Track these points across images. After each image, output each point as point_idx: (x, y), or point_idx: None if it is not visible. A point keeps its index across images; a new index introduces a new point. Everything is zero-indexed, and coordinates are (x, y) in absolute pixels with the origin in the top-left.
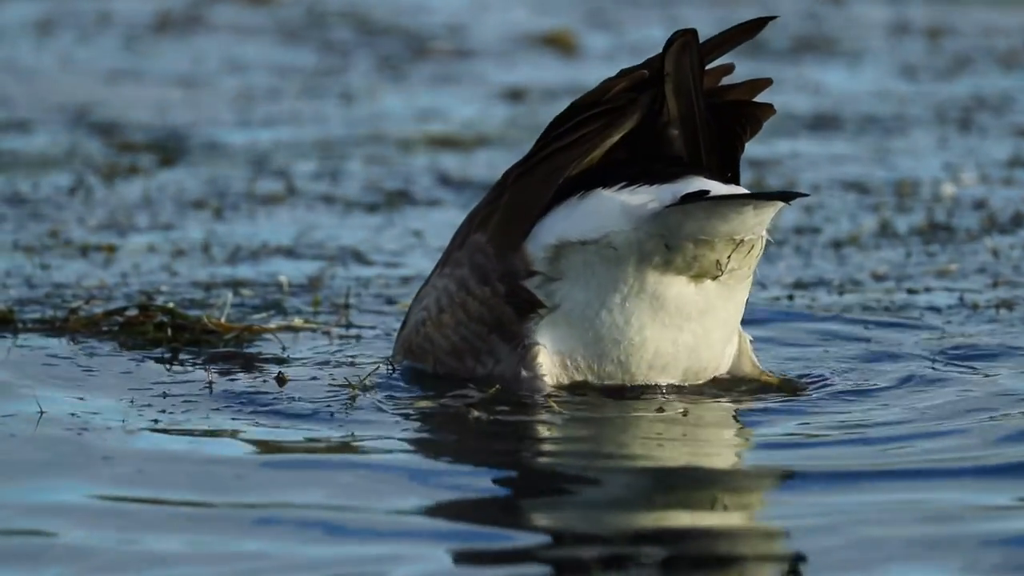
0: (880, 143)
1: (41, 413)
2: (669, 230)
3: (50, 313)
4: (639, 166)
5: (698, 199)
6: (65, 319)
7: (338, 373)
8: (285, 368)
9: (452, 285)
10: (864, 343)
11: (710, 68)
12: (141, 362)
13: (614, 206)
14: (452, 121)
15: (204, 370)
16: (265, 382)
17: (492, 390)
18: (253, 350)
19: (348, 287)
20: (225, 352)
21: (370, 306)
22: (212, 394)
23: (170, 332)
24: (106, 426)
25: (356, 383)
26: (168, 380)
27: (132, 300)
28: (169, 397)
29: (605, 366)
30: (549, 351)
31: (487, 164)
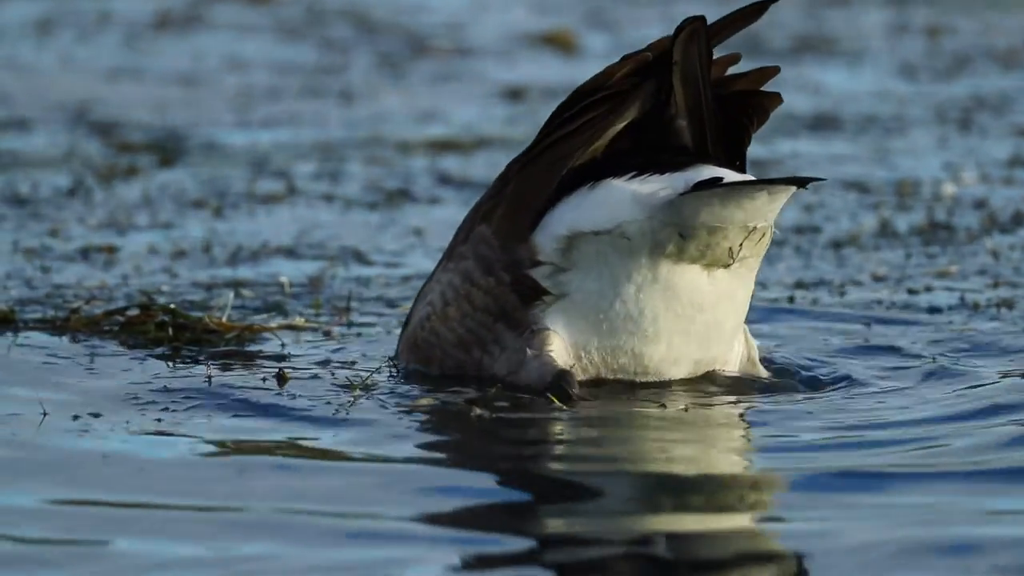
0: (880, 143)
1: (44, 415)
2: (683, 218)
3: (51, 313)
4: (647, 155)
5: (712, 186)
6: (66, 319)
7: (339, 372)
8: (286, 367)
9: (456, 278)
10: (865, 343)
11: (716, 58)
12: (142, 361)
13: (626, 196)
14: (452, 123)
15: (205, 370)
16: (265, 381)
17: (494, 389)
18: (254, 349)
19: (349, 290)
20: (226, 351)
21: (371, 306)
22: (213, 394)
23: (171, 331)
24: (106, 427)
25: (357, 382)
26: (169, 380)
27: (133, 300)
28: (170, 397)
29: (619, 358)
30: (558, 336)
31: (487, 165)
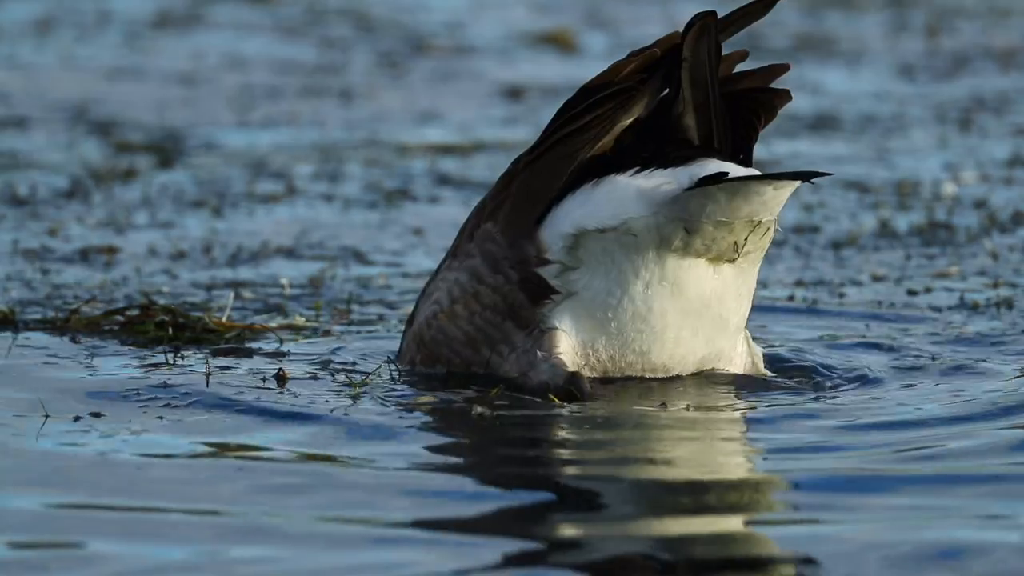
0: (880, 143)
1: (45, 416)
2: (689, 213)
3: (51, 314)
4: (651, 150)
5: (717, 181)
6: (66, 319)
7: (339, 372)
8: (285, 367)
9: (464, 276)
10: (865, 343)
11: (724, 55)
12: (142, 361)
13: (631, 192)
14: (451, 123)
15: (204, 369)
16: (265, 381)
17: (495, 390)
18: (254, 349)
19: (349, 292)
20: (226, 351)
21: (371, 305)
22: (212, 394)
23: (171, 331)
24: (106, 428)
25: (357, 381)
26: (169, 380)
27: (133, 301)
28: (169, 397)
29: (627, 356)
30: (566, 335)
31: (487, 167)
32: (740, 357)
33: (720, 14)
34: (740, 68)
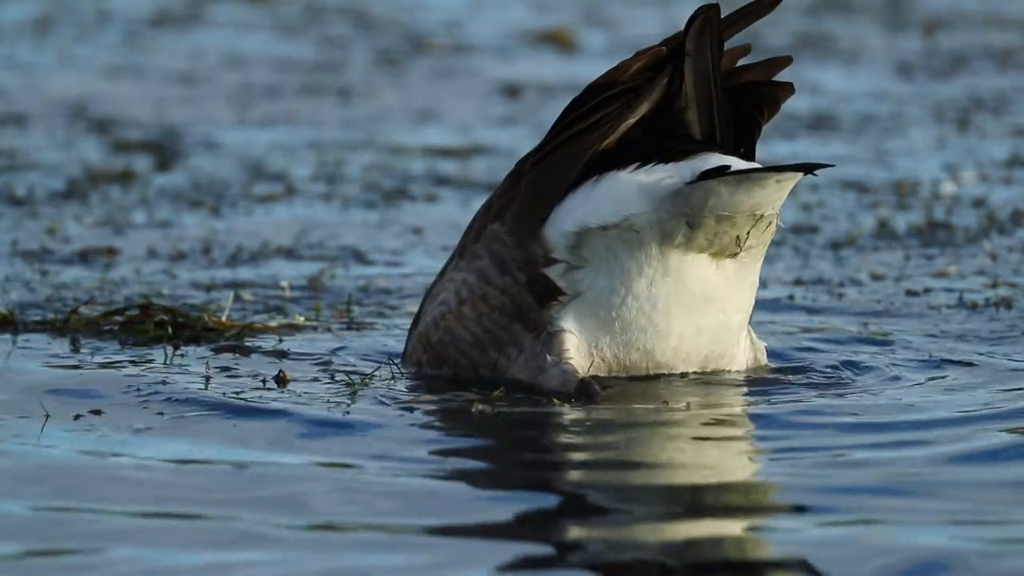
0: (878, 143)
1: (46, 416)
2: (692, 208)
3: (51, 316)
4: (652, 145)
5: (719, 175)
6: (66, 320)
7: (339, 373)
8: (285, 368)
9: (472, 277)
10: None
11: (727, 49)
12: (141, 361)
13: (632, 187)
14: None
15: (204, 370)
16: (265, 382)
17: (496, 391)
18: (254, 349)
19: (349, 293)
20: (226, 351)
21: (371, 305)
22: (213, 396)
23: (170, 330)
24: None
25: (357, 382)
26: (169, 380)
27: (132, 302)
28: (169, 399)
29: (631, 354)
30: (574, 337)
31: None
32: (743, 353)
33: (723, 12)
34: (741, 63)
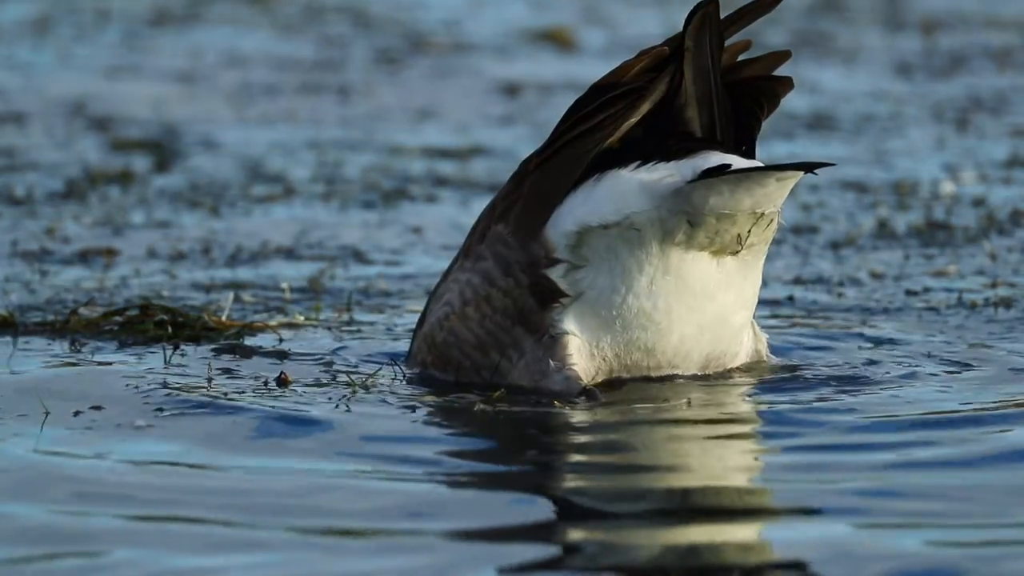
0: (877, 143)
1: (46, 413)
2: (692, 206)
3: (51, 317)
4: (652, 143)
5: (720, 173)
6: (66, 320)
7: (341, 373)
8: (286, 369)
9: (476, 278)
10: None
11: (727, 45)
12: (140, 361)
13: (633, 186)
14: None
15: (205, 371)
16: (267, 383)
17: (497, 392)
18: (254, 349)
19: (349, 293)
20: (226, 348)
21: (370, 304)
22: (213, 397)
23: (170, 330)
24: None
25: (359, 383)
26: (168, 381)
27: (132, 302)
28: (169, 401)
29: (632, 354)
30: (576, 340)
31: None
32: (746, 349)
33: (724, 12)
34: (740, 59)
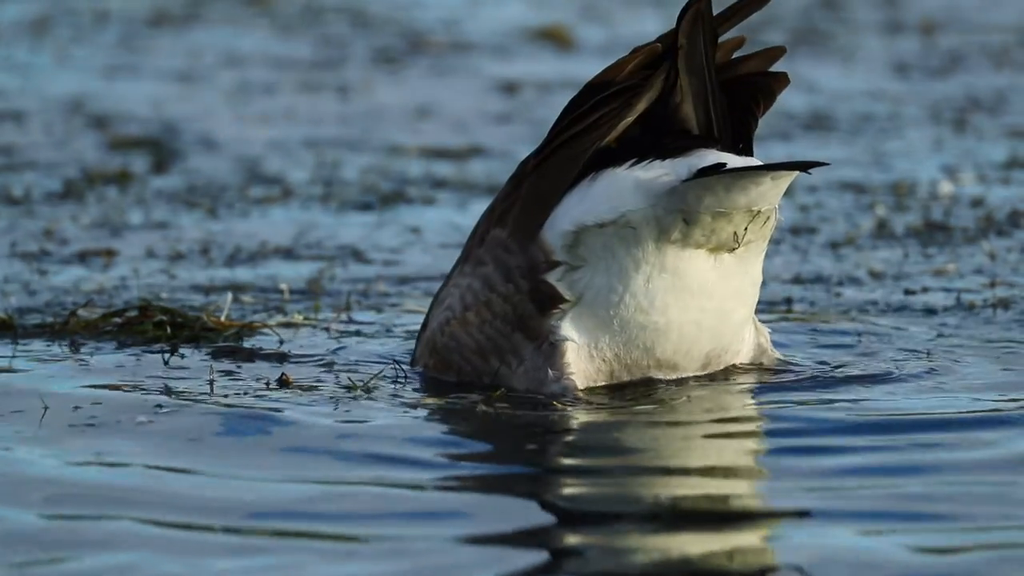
0: (875, 144)
1: (45, 408)
2: (688, 204)
3: (50, 319)
4: (649, 141)
5: (715, 172)
6: (65, 322)
7: (342, 374)
8: (287, 370)
9: (476, 283)
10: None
11: (721, 41)
12: (140, 362)
13: (628, 184)
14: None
15: (204, 371)
16: (268, 384)
17: (498, 392)
18: (254, 351)
19: (348, 293)
20: (226, 354)
21: (369, 304)
22: (213, 399)
23: (169, 330)
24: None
25: (361, 384)
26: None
27: (131, 304)
28: (168, 403)
29: (631, 353)
30: (575, 346)
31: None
32: (747, 346)
33: (719, 5)
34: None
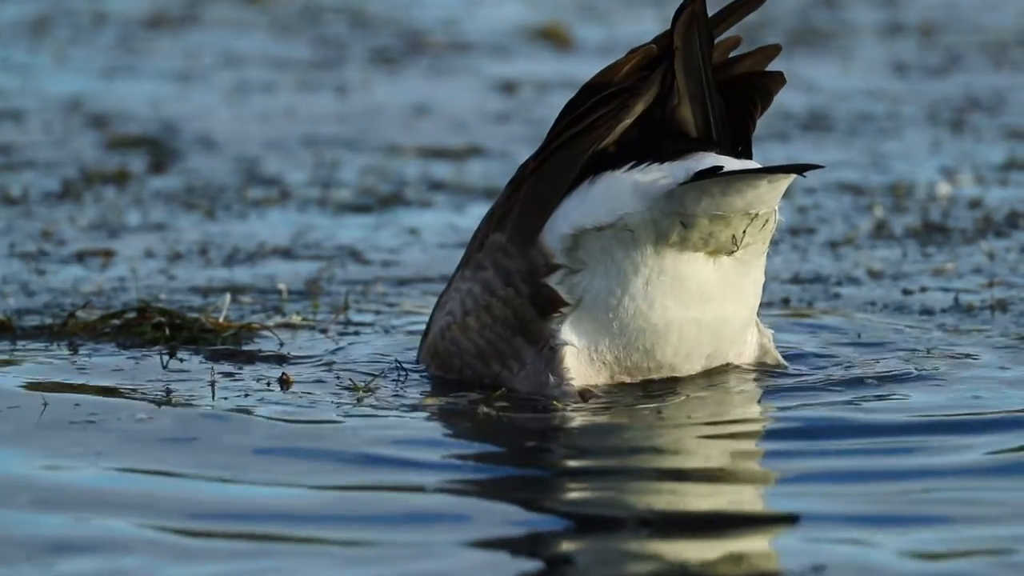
0: (873, 145)
1: (45, 405)
2: (685, 208)
3: (48, 321)
4: (647, 144)
5: (712, 175)
6: (63, 324)
7: (342, 374)
8: (287, 370)
9: (476, 287)
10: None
11: (717, 42)
12: (139, 364)
13: (626, 187)
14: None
15: (204, 372)
16: (269, 384)
17: (498, 392)
18: (253, 352)
19: (346, 293)
20: (224, 351)
21: (368, 305)
22: (212, 400)
23: (168, 332)
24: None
25: (362, 385)
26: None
27: (130, 305)
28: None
29: (631, 356)
30: (575, 350)
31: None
32: (749, 348)
33: (715, 6)
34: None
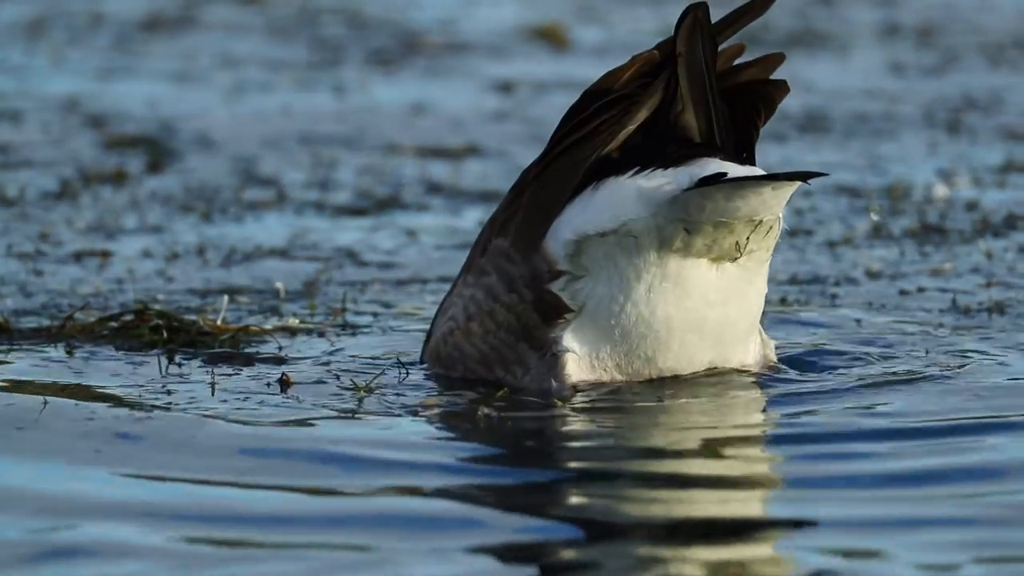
0: (870, 147)
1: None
2: (688, 214)
3: (46, 323)
4: (651, 150)
5: (716, 182)
6: (61, 326)
7: (342, 375)
8: (287, 371)
9: (479, 293)
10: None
11: (721, 49)
12: (137, 367)
13: (630, 193)
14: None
15: (201, 375)
16: (268, 385)
17: (500, 392)
18: (252, 354)
19: (344, 294)
20: (222, 354)
21: (366, 305)
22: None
23: (165, 334)
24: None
25: (363, 385)
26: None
27: (127, 307)
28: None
29: (633, 363)
30: (577, 357)
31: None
32: (752, 356)
33: (718, 12)
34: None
